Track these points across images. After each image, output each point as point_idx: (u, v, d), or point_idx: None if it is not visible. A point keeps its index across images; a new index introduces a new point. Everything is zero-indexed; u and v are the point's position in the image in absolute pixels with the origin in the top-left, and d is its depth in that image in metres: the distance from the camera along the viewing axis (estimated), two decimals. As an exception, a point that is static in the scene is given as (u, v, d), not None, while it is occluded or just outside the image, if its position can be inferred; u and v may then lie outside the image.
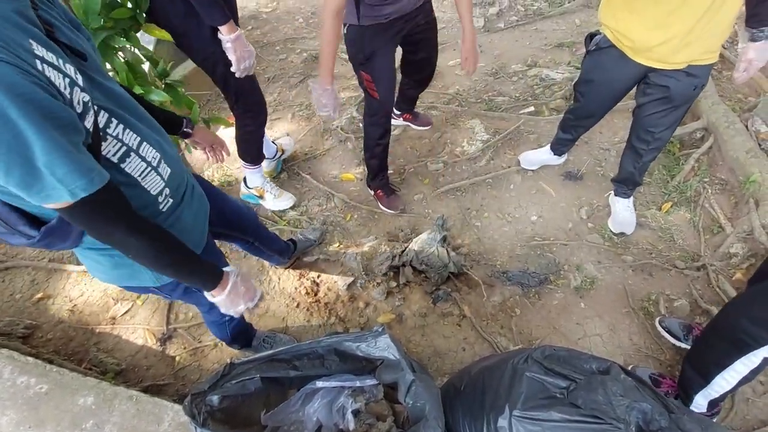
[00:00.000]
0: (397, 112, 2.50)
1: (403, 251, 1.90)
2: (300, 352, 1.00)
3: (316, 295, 1.89)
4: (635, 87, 1.64)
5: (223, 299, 0.94)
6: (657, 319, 1.70)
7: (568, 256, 1.94)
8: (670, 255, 1.92)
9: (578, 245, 1.98)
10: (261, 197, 2.19)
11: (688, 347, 1.58)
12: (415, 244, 1.88)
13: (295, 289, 1.92)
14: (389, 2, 1.52)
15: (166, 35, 1.45)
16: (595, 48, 1.58)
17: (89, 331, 1.89)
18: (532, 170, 2.27)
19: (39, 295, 2.01)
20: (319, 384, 1.02)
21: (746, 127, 2.17)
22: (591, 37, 1.59)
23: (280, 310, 1.87)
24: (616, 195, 2.01)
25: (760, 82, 2.50)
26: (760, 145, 2.09)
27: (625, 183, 1.93)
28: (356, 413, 0.98)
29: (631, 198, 1.99)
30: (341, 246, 2.05)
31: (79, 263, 2.09)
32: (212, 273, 0.94)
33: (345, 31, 1.65)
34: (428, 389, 0.90)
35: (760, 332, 1.09)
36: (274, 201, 2.19)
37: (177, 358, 1.77)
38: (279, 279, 1.96)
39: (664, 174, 2.21)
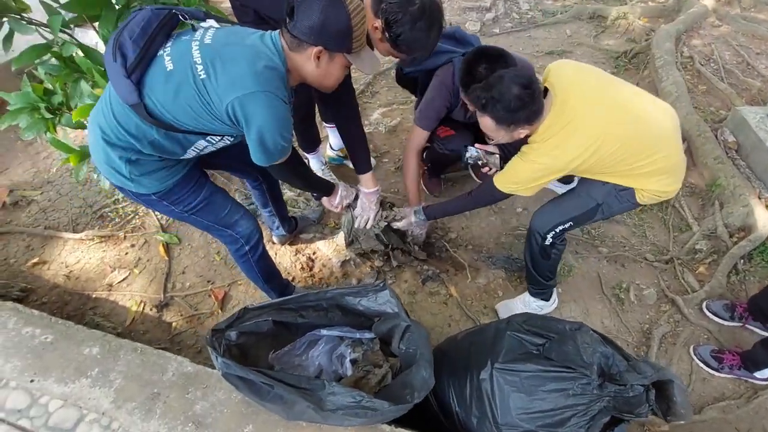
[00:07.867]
0: None
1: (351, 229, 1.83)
2: (307, 303, 1.09)
3: (311, 270, 1.98)
4: None
5: None
6: (703, 304, 1.84)
7: (549, 245, 2.08)
8: (641, 249, 2.08)
9: (559, 236, 2.11)
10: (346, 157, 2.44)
11: (737, 325, 1.76)
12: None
13: (292, 264, 2.00)
14: None
15: None
16: None
17: (85, 296, 1.93)
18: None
19: (34, 261, 2.04)
20: (323, 332, 1.11)
21: (715, 136, 2.36)
22: None
23: (276, 283, 1.95)
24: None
25: (731, 96, 2.70)
26: (726, 153, 2.28)
27: None
28: (354, 362, 1.08)
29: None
30: (336, 226, 2.14)
31: (75, 231, 2.13)
32: None
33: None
34: (420, 336, 1.01)
35: None
36: None
37: (174, 325, 1.83)
38: (276, 254, 2.03)
39: (640, 176, 2.37)
